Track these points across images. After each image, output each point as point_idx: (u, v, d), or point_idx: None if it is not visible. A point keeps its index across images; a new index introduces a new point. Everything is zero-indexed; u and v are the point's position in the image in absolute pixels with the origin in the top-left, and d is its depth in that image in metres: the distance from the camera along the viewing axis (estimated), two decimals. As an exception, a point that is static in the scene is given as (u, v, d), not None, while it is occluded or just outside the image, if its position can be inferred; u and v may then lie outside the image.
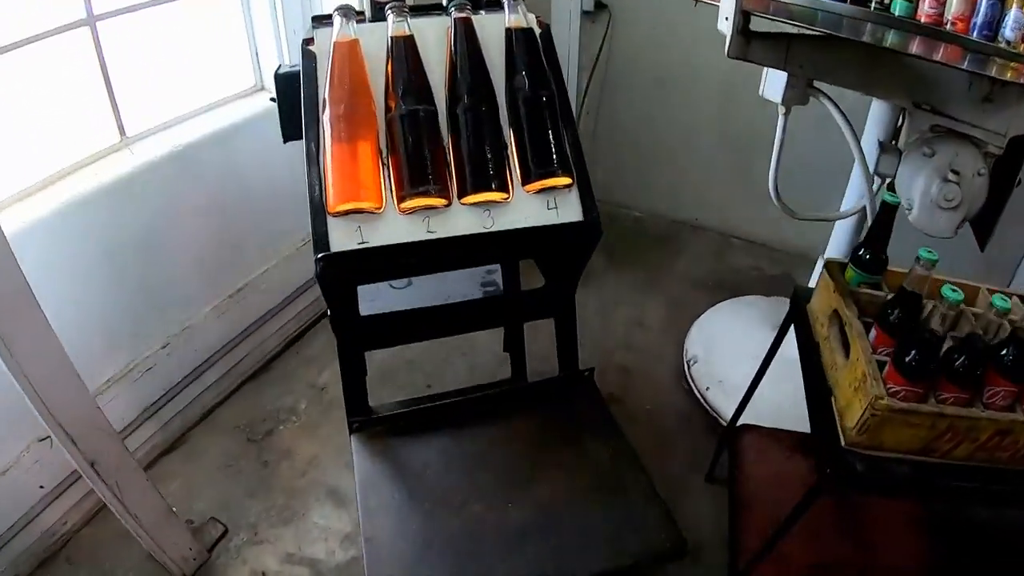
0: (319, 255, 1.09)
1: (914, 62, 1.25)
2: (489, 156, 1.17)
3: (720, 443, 1.62)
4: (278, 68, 1.31)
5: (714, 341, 2.03)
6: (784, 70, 1.28)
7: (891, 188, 1.50)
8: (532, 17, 1.28)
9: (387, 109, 1.17)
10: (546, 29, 1.29)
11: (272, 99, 1.30)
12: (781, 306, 2.17)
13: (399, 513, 1.22)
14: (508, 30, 1.24)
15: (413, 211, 1.14)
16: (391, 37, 1.19)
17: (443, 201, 1.15)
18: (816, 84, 1.37)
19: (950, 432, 0.94)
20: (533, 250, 1.41)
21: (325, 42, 1.18)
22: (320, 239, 1.11)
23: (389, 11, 1.20)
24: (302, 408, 1.95)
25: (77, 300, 1.53)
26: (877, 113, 1.50)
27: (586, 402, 1.42)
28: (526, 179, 1.19)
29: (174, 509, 1.49)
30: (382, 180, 1.15)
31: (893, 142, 1.50)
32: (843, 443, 0.97)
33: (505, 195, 1.18)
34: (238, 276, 1.94)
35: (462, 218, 1.17)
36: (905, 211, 1.44)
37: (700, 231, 2.67)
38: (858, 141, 1.34)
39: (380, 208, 1.13)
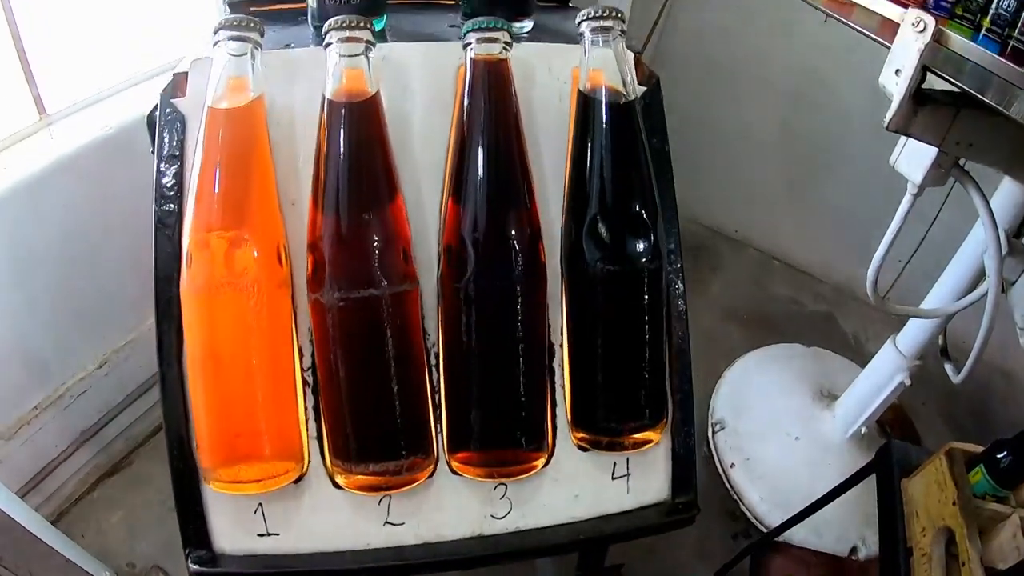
0: (192, 557, 0.65)
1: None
2: (522, 391, 0.63)
3: (741, 554, 1.39)
4: (153, 109, 0.68)
5: (745, 404, 1.77)
6: (938, 147, 0.93)
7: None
8: (631, 60, 0.68)
9: (314, 281, 0.60)
10: (655, 87, 0.74)
11: (152, 151, 0.71)
12: (821, 362, 1.89)
13: None
14: (584, 97, 0.65)
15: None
16: (328, 98, 0.60)
17: (417, 480, 0.65)
18: (961, 163, 1.03)
19: None
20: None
21: (202, 92, 0.61)
22: (191, 522, 0.65)
23: (332, 32, 0.60)
24: (266, 431, 1.70)
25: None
26: (1007, 196, 1.16)
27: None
28: (582, 427, 0.69)
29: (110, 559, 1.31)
30: (302, 416, 0.65)
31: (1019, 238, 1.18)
32: None
33: (540, 460, 0.68)
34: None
35: (454, 500, 0.68)
36: (1017, 329, 1.17)
37: (739, 246, 2.34)
38: (998, 238, 1.02)
39: (301, 472, 0.65)
